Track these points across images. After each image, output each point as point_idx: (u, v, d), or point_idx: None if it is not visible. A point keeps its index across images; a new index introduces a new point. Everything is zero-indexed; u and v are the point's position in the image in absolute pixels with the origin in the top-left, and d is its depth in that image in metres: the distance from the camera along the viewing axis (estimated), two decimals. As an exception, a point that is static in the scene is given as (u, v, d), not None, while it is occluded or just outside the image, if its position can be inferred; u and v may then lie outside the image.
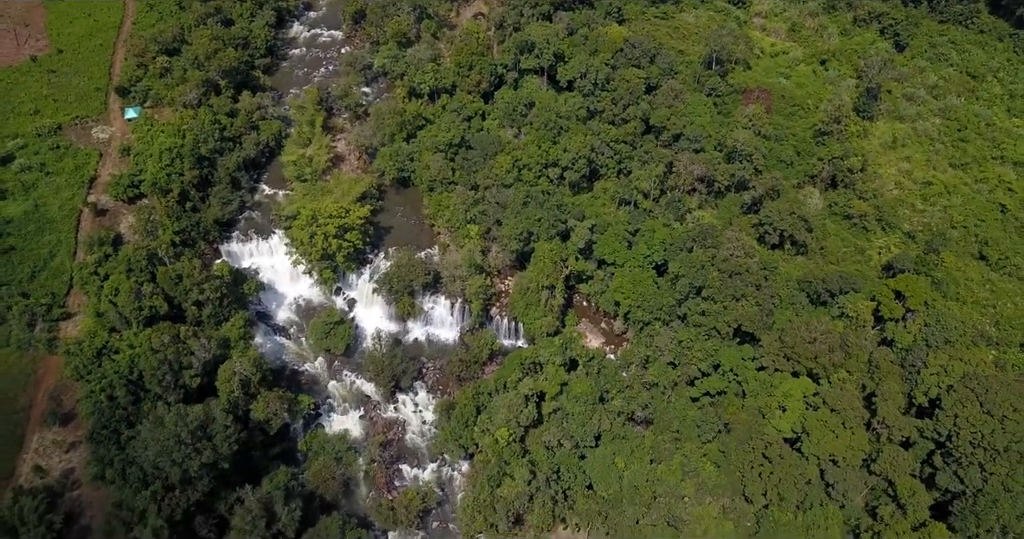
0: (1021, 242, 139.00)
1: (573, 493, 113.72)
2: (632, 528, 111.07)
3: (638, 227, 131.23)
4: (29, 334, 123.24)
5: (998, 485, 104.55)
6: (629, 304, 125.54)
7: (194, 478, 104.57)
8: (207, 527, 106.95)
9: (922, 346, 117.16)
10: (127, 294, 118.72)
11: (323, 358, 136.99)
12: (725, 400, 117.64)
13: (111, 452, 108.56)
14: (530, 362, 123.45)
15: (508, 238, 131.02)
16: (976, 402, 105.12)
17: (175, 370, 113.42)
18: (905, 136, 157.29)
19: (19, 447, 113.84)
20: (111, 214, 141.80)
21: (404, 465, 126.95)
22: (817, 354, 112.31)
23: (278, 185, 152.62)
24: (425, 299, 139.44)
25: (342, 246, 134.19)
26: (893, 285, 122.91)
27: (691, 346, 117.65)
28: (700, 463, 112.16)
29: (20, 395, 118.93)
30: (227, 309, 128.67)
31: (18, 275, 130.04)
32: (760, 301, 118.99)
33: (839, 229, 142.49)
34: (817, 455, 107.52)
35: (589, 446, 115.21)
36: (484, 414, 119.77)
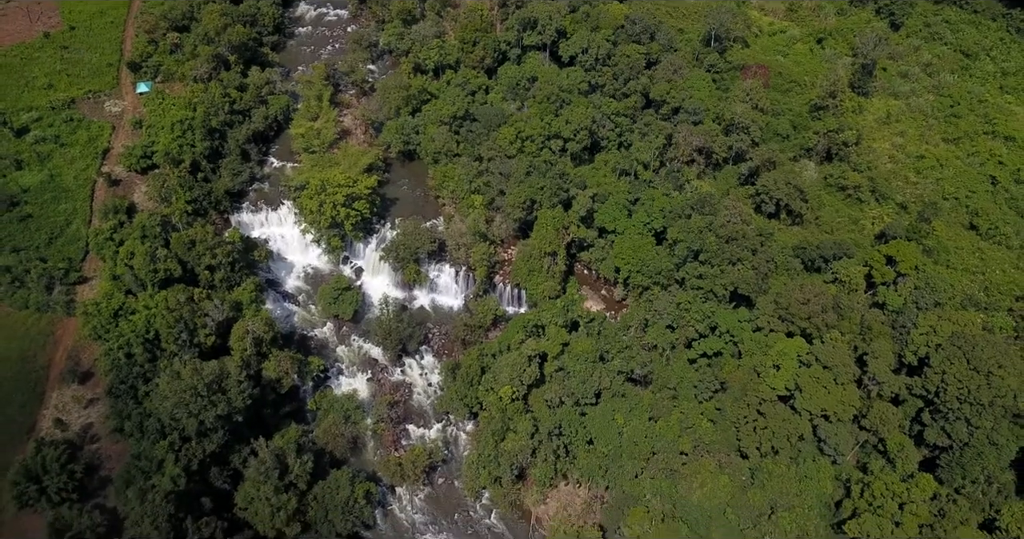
0: (1011, 212, 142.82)
1: (574, 448, 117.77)
2: (631, 482, 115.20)
3: (638, 196, 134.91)
4: (47, 297, 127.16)
5: (983, 438, 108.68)
6: (629, 269, 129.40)
7: (209, 430, 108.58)
8: (222, 478, 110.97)
9: (912, 308, 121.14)
10: (143, 257, 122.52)
11: (331, 324, 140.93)
12: (722, 361, 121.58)
13: (129, 406, 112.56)
14: (532, 325, 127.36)
15: (511, 207, 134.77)
16: (963, 359, 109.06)
17: (190, 329, 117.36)
18: (899, 112, 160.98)
19: (40, 403, 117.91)
20: (124, 184, 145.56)
21: (410, 425, 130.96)
22: (810, 314, 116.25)
23: (286, 158, 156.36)
24: (430, 267, 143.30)
25: (350, 214, 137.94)
26: (885, 250, 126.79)
27: (689, 308, 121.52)
28: (697, 420, 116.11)
29: (40, 354, 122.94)
30: (239, 274, 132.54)
31: (35, 241, 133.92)
32: (756, 265, 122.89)
33: (834, 200, 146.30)
34: (809, 410, 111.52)
35: (589, 404, 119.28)
36: (488, 374, 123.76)
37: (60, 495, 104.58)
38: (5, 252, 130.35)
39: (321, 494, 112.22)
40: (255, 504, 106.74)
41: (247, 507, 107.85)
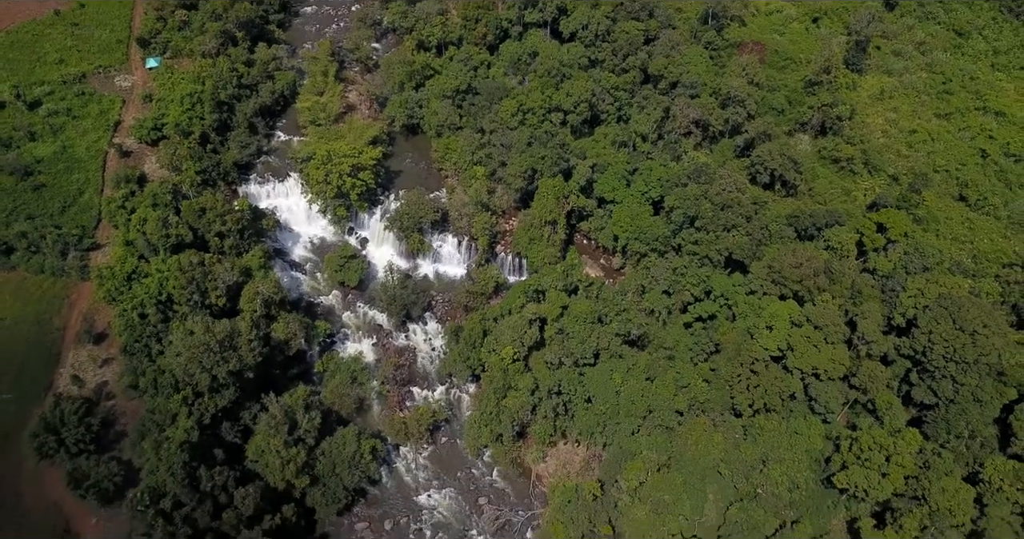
0: (999, 184, 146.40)
1: (573, 406, 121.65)
2: (629, 439, 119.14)
3: (636, 167, 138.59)
4: (62, 262, 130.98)
5: (968, 395, 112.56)
6: (627, 237, 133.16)
7: (221, 385, 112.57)
8: (233, 433, 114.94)
9: (901, 273, 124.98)
10: (155, 223, 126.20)
11: (337, 291, 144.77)
12: (716, 323, 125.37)
13: (143, 364, 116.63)
14: (533, 290, 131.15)
15: (512, 176, 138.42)
16: (949, 319, 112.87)
17: (201, 291, 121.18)
18: (892, 88, 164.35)
19: (56, 363, 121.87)
20: (135, 155, 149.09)
21: (415, 387, 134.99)
22: (802, 278, 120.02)
23: (293, 132, 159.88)
24: (434, 237, 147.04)
25: (355, 184, 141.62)
26: (875, 218, 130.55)
27: (684, 273, 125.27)
28: (692, 380, 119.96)
29: (55, 317, 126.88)
30: (247, 241, 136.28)
31: (49, 209, 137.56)
32: (750, 231, 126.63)
33: (827, 172, 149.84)
34: (801, 368, 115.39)
35: (588, 364, 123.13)
36: (490, 336, 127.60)
37: (78, 446, 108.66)
38: (20, 219, 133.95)
39: (329, 449, 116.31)
40: (265, 456, 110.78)
41: (257, 460, 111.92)
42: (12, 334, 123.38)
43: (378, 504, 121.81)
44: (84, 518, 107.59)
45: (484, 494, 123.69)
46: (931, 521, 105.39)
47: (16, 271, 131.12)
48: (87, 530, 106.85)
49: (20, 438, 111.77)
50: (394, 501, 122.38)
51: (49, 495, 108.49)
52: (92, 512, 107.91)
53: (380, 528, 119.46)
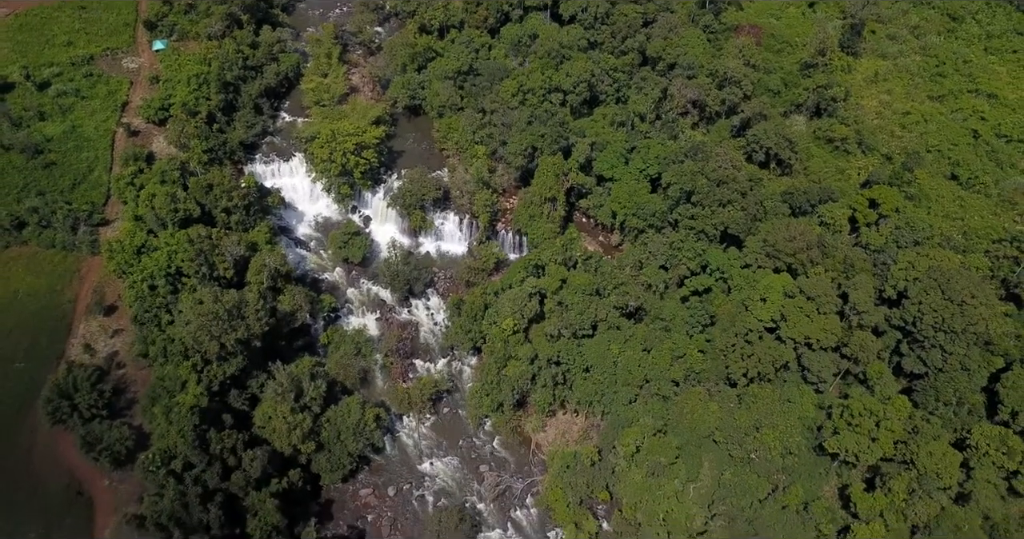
0: (991, 164, 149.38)
1: (572, 376, 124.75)
2: (626, 408, 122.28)
3: (635, 145, 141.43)
4: (72, 237, 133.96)
5: (956, 364, 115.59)
6: (625, 213, 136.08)
7: (230, 354, 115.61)
8: (240, 400, 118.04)
9: (893, 247, 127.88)
10: (163, 197, 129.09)
11: (341, 268, 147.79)
12: (712, 296, 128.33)
13: (153, 333, 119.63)
14: (533, 265, 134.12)
15: (513, 154, 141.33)
16: (938, 290, 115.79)
17: (210, 263, 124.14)
18: (887, 71, 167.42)
19: (67, 333, 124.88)
20: (143, 135, 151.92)
21: (417, 360, 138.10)
22: (796, 251, 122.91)
23: (297, 113, 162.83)
24: (435, 215, 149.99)
25: (359, 163, 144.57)
26: (868, 194, 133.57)
27: (681, 247, 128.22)
28: (688, 350, 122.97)
29: (67, 289, 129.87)
30: (253, 217, 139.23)
31: (60, 186, 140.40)
32: (745, 207, 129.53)
33: (821, 152, 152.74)
34: (794, 338, 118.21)
35: (586, 335, 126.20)
36: (491, 309, 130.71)
37: (91, 412, 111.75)
38: (32, 196, 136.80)
39: (333, 417, 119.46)
40: (272, 422, 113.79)
41: (264, 426, 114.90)
42: (25, 306, 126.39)
43: (382, 471, 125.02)
44: (97, 481, 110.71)
45: (485, 462, 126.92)
46: (919, 484, 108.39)
47: (28, 246, 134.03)
48: (100, 492, 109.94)
49: (34, 405, 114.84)
50: (397, 469, 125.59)
51: (63, 459, 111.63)
52: (104, 475, 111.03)
53: (384, 494, 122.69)
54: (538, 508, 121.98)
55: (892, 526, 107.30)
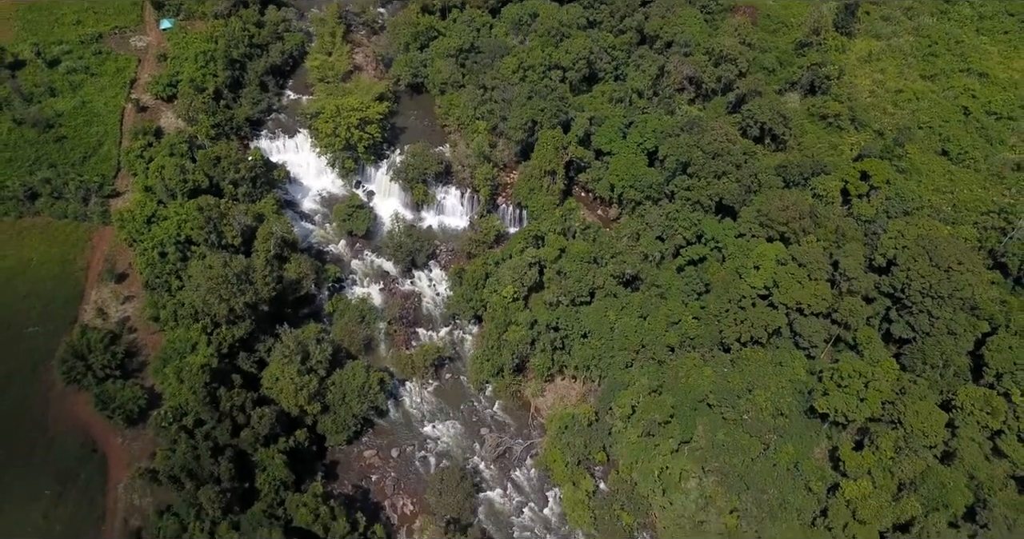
0: (980, 140, 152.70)
1: (570, 341, 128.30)
2: (622, 372, 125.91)
3: (632, 120, 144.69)
4: (84, 208, 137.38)
5: (943, 328, 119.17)
6: (623, 185, 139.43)
7: (238, 317, 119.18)
8: (249, 363, 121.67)
9: (883, 217, 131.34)
10: (173, 168, 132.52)
11: (345, 240, 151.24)
12: (707, 265, 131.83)
13: (164, 298, 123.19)
14: (533, 236, 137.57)
15: (513, 129, 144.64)
16: (926, 257, 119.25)
17: (218, 231, 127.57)
18: (880, 51, 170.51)
19: (80, 299, 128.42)
20: (152, 110, 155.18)
21: (420, 329, 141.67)
22: (789, 220, 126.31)
23: (302, 91, 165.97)
24: (437, 189, 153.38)
25: (363, 137, 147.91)
26: (859, 167, 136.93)
27: (677, 217, 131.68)
28: (683, 316, 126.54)
29: (79, 258, 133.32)
30: (260, 190, 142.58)
31: (71, 159, 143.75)
32: (740, 178, 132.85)
33: (815, 128, 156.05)
34: (786, 303, 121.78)
35: (584, 302, 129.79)
36: (492, 278, 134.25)
37: (104, 371, 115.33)
38: (44, 168, 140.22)
39: (339, 380, 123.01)
40: (280, 383, 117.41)
41: (272, 387, 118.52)
42: (38, 273, 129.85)
43: (385, 434, 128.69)
44: (110, 438, 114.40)
45: (486, 425, 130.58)
46: (905, 442, 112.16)
47: (41, 216, 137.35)
48: (113, 449, 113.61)
49: (48, 366, 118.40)
50: (400, 431, 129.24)
51: (77, 417, 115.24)
52: (118, 433, 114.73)
53: (387, 456, 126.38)
54: (537, 469, 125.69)
55: (879, 482, 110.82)
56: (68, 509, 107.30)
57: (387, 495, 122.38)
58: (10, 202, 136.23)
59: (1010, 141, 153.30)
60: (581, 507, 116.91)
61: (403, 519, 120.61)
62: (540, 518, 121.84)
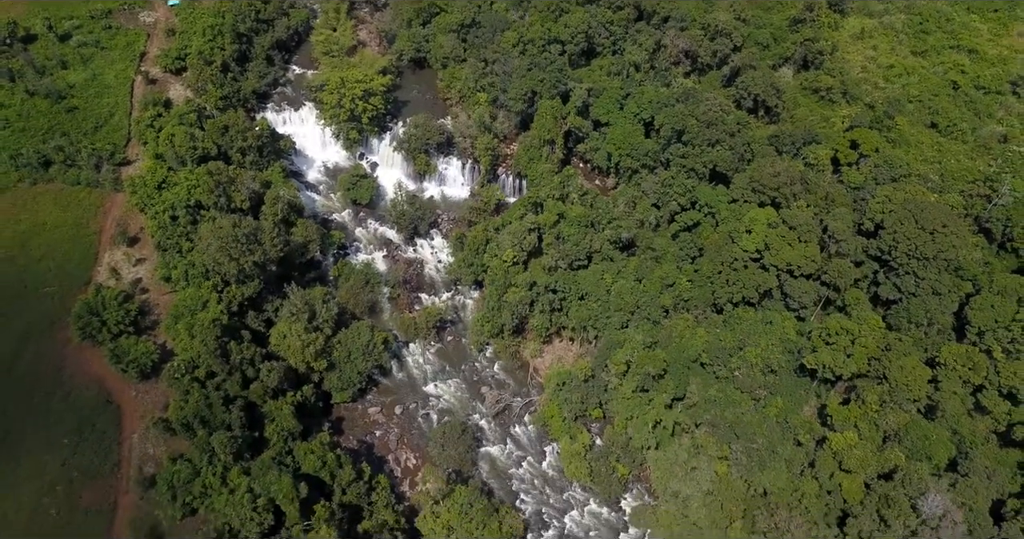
0: (969, 113, 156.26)
1: (568, 303, 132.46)
2: (618, 332, 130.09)
3: (629, 91, 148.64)
4: (96, 175, 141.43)
5: (928, 289, 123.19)
6: (620, 154, 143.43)
7: (247, 276, 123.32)
8: (257, 322, 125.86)
9: (872, 184, 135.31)
10: (183, 135, 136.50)
11: (350, 209, 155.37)
12: (700, 230, 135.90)
13: (175, 259, 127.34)
14: (532, 203, 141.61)
15: (513, 99, 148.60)
16: (912, 220, 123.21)
17: (227, 195, 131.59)
18: (872, 29, 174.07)
19: (94, 262, 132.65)
20: (161, 83, 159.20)
21: (422, 294, 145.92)
22: (780, 185, 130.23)
23: (307, 66, 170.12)
24: (439, 160, 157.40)
25: (367, 108, 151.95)
26: (849, 136, 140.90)
27: (672, 184, 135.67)
28: (677, 279, 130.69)
29: (92, 222, 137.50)
30: (267, 158, 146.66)
31: (83, 128, 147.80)
32: (733, 146, 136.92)
33: (807, 102, 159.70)
34: (776, 265, 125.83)
35: (582, 266, 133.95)
36: (492, 243, 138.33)
37: (118, 328, 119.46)
38: (56, 137, 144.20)
39: (344, 339, 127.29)
40: (287, 340, 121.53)
41: (279, 344, 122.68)
42: (53, 237, 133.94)
43: (389, 392, 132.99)
44: (124, 392, 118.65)
45: (486, 384, 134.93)
46: (890, 396, 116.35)
47: (54, 183, 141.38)
48: (127, 401, 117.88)
49: (64, 324, 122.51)
50: (404, 390, 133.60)
51: (92, 372, 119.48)
52: (131, 386, 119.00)
53: (391, 412, 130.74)
54: (535, 425, 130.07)
55: (865, 434, 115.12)
56: (85, 457, 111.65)
57: (391, 450, 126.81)
58: (24, 169, 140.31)
59: (998, 114, 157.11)
60: (578, 459, 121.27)
61: (406, 472, 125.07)
62: (538, 471, 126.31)
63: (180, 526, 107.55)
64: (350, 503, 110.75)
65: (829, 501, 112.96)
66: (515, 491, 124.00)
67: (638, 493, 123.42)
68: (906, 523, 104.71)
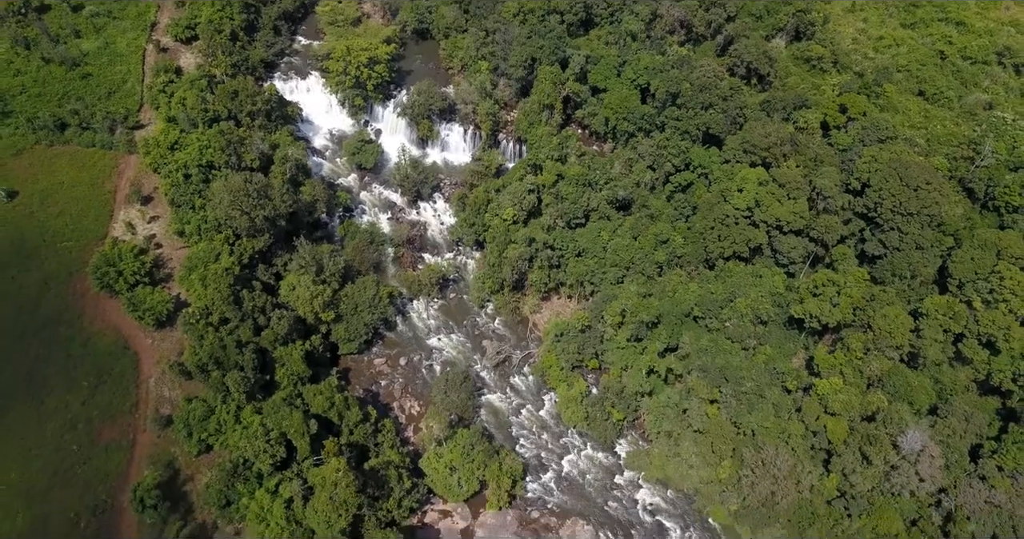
0: (955, 81, 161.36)
1: (565, 260, 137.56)
2: (613, 286, 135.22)
3: (626, 59, 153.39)
4: (110, 137, 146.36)
5: (911, 243, 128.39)
6: (616, 118, 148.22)
7: (258, 230, 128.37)
8: (267, 275, 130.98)
9: (859, 145, 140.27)
10: (195, 98, 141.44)
11: (355, 173, 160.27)
12: (694, 189, 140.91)
13: (188, 214, 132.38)
14: (532, 164, 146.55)
15: (514, 66, 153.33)
16: (897, 177, 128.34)
17: (238, 154, 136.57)
18: (864, 2, 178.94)
19: (109, 218, 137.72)
20: (171, 52, 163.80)
21: (426, 254, 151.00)
22: (770, 145, 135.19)
23: (312, 37, 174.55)
24: (441, 127, 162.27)
25: (371, 75, 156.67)
26: (838, 100, 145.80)
27: (666, 145, 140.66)
28: (671, 236, 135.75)
29: (106, 182, 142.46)
30: (275, 123, 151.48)
31: (97, 93, 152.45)
32: (725, 109, 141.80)
33: (799, 71, 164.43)
34: (766, 221, 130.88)
35: (579, 224, 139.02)
36: (493, 203, 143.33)
37: (134, 278, 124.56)
38: (72, 101, 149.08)
39: (351, 292, 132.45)
40: (296, 291, 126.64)
41: (289, 295, 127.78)
42: (70, 195, 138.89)
43: (394, 345, 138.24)
44: (141, 339, 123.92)
45: (487, 337, 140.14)
46: (874, 344, 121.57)
47: (70, 145, 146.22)
48: (144, 348, 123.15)
49: (82, 276, 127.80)
50: (408, 343, 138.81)
51: (110, 320, 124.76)
52: (147, 334, 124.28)
53: (396, 363, 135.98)
54: (534, 375, 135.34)
55: (849, 380, 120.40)
56: (104, 398, 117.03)
57: (395, 398, 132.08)
58: (41, 132, 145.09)
59: (983, 83, 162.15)
60: (575, 405, 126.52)
61: (410, 419, 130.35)
62: (537, 418, 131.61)
63: (196, 461, 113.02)
64: (357, 443, 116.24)
65: (815, 442, 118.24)
66: (515, 436, 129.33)
67: (633, 439, 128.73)
68: (887, 458, 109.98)
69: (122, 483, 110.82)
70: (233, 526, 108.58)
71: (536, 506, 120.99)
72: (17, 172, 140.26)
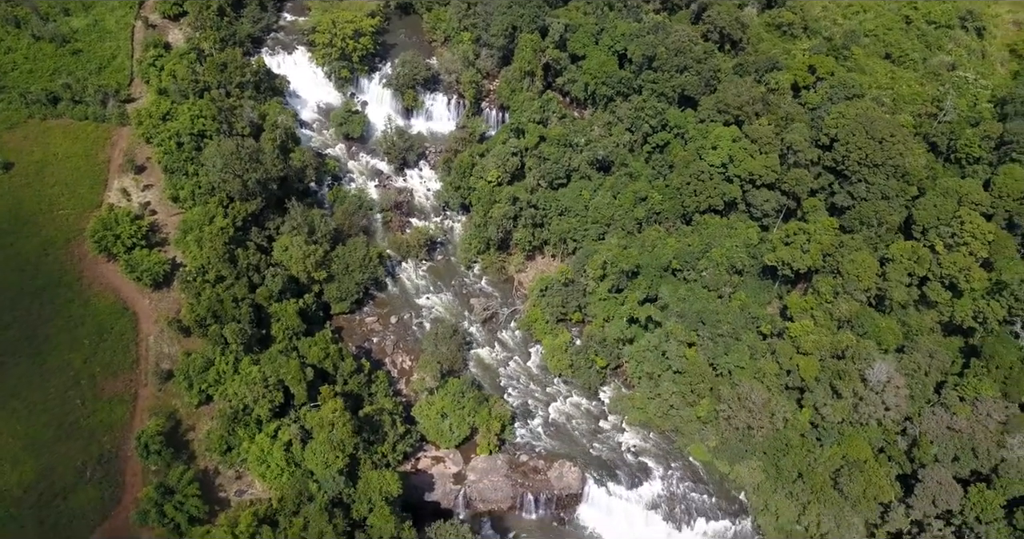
0: (919, 44, 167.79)
1: (549, 219, 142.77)
2: (595, 243, 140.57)
3: (604, 27, 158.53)
4: (103, 110, 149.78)
5: (878, 193, 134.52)
6: (596, 83, 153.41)
7: (251, 194, 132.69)
8: (260, 237, 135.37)
9: (828, 104, 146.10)
10: (185, 69, 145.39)
11: (343, 144, 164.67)
12: (670, 148, 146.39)
13: (182, 180, 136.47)
14: (515, 129, 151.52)
15: (495, 35, 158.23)
16: (863, 131, 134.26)
17: (229, 121, 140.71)
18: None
19: (104, 187, 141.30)
20: (160, 28, 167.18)
21: (413, 219, 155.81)
22: (743, 104, 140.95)
23: (298, 13, 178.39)
24: (425, 97, 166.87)
25: (357, 48, 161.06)
26: (807, 61, 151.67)
27: (643, 107, 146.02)
28: (650, 193, 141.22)
29: (100, 153, 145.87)
30: (264, 95, 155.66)
31: (88, 69, 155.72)
32: (700, 71, 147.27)
33: (771, 37, 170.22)
34: (739, 175, 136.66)
35: (561, 184, 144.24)
36: (478, 166, 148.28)
37: (131, 241, 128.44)
38: (63, 75, 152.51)
39: (342, 253, 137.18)
40: (289, 251, 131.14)
41: (282, 255, 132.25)
42: (65, 165, 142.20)
43: (384, 304, 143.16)
44: (139, 300, 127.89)
45: (475, 296, 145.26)
46: (843, 288, 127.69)
47: (63, 119, 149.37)
48: (142, 309, 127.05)
49: (80, 240, 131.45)
50: (398, 302, 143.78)
51: (108, 282, 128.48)
52: (145, 295, 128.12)
53: (387, 322, 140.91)
54: (521, 330, 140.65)
55: (820, 322, 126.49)
56: (105, 355, 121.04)
57: (387, 354, 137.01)
58: (34, 106, 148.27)
59: (947, 46, 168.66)
60: (560, 353, 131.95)
61: (402, 373, 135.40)
62: (524, 369, 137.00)
63: (196, 412, 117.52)
64: (351, 392, 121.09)
65: (788, 381, 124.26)
66: (503, 386, 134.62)
67: (616, 385, 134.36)
68: (855, 391, 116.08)
69: (126, 434, 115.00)
70: (235, 470, 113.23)
71: (524, 450, 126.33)
72: (12, 145, 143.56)
